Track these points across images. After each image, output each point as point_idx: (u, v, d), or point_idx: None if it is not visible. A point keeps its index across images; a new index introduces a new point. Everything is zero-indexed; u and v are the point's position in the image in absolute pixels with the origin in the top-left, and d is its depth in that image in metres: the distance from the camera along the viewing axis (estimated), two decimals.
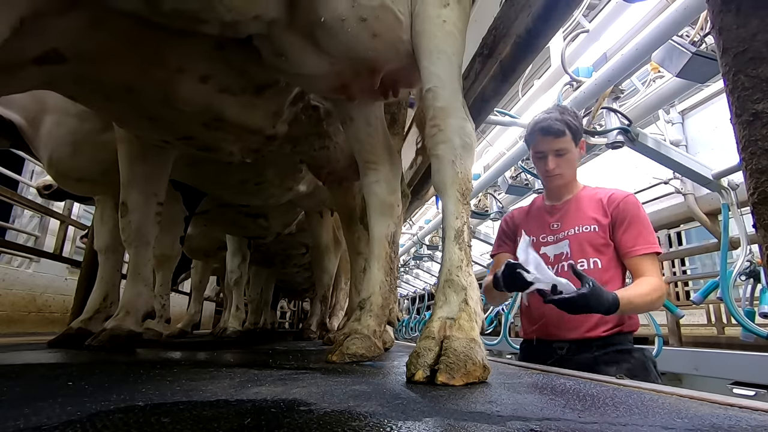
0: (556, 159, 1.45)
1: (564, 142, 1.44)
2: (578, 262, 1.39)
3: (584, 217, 1.44)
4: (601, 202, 1.44)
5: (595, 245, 1.38)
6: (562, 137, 1.43)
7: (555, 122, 1.42)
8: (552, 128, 1.43)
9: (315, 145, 1.71)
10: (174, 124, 1.40)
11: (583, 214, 1.45)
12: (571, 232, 1.44)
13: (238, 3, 0.93)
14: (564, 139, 1.44)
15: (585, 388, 0.70)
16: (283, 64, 1.15)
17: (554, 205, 1.53)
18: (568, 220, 1.47)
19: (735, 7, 0.39)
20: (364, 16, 1.03)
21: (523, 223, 1.61)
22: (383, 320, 1.26)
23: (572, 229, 1.44)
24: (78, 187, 1.99)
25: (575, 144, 1.46)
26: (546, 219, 1.53)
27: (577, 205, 1.48)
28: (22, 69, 1.08)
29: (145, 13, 0.95)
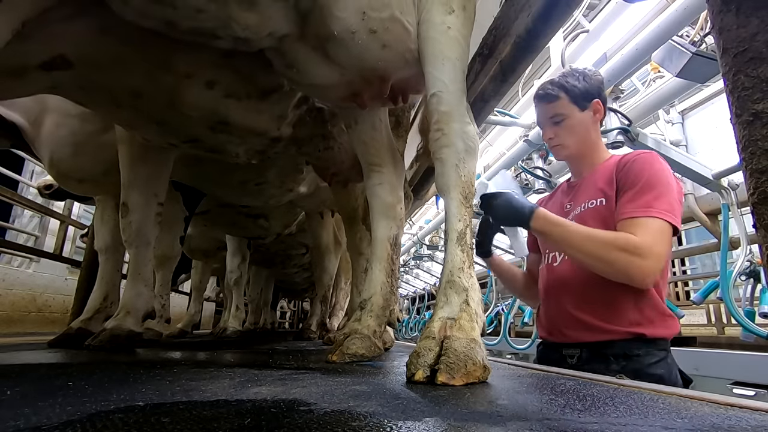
0: (554, 128, 1.29)
1: (559, 107, 1.27)
2: None
3: (593, 190, 1.24)
4: (612, 166, 1.23)
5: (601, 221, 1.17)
6: (556, 101, 1.27)
7: (548, 86, 1.29)
8: (543, 93, 1.29)
9: (320, 146, 1.72)
10: (181, 127, 1.43)
11: (593, 188, 1.24)
12: (578, 211, 1.26)
13: (252, 22, 0.95)
14: (558, 103, 1.27)
15: (585, 388, 0.70)
16: (294, 75, 1.17)
17: (572, 183, 1.38)
18: (579, 197, 1.29)
19: (735, 7, 0.39)
20: (374, 28, 1.05)
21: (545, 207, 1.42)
22: (384, 321, 1.26)
23: (580, 207, 1.26)
24: (79, 187, 1.99)
25: (579, 107, 1.26)
26: (562, 200, 1.36)
27: (592, 178, 1.28)
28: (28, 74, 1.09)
29: (163, 30, 0.96)
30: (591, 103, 1.28)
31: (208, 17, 0.92)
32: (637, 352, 1.11)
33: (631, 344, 1.12)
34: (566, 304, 1.22)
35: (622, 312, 1.13)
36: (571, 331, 1.20)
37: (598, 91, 1.31)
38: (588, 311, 1.17)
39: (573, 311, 1.19)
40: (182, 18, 0.92)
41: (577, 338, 1.19)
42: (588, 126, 1.29)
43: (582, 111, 1.28)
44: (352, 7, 1.01)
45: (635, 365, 1.10)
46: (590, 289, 1.17)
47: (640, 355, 1.11)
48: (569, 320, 1.21)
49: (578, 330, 1.18)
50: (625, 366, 1.10)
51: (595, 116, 1.30)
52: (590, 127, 1.30)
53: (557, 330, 1.25)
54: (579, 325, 1.18)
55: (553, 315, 1.27)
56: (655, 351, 1.12)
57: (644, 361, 1.11)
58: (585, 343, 1.17)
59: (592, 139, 1.31)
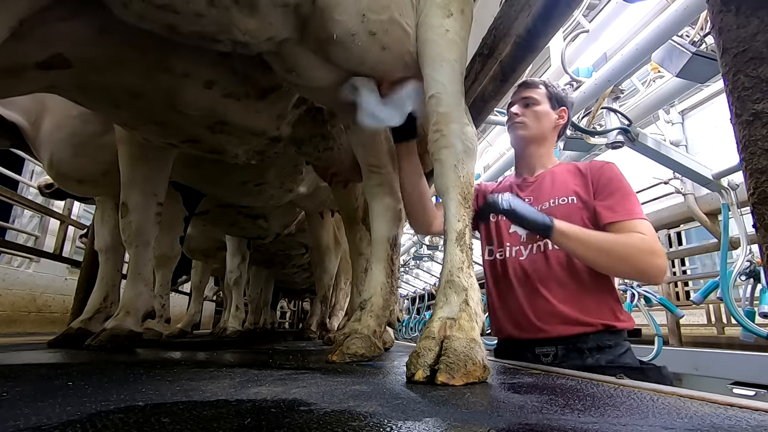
0: (523, 108, 1.39)
1: (535, 93, 1.38)
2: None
3: (561, 188, 1.30)
4: (579, 171, 1.32)
5: (572, 219, 1.22)
6: (534, 88, 1.38)
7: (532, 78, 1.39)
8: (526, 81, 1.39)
9: (319, 146, 1.72)
10: (180, 127, 1.42)
11: (561, 186, 1.31)
12: (545, 206, 1.29)
13: (252, 26, 0.95)
14: (536, 90, 1.38)
15: (585, 388, 0.70)
16: (294, 78, 1.18)
17: (526, 179, 1.41)
18: (542, 193, 1.33)
19: (735, 7, 0.39)
20: (374, 31, 1.05)
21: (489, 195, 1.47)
22: (384, 321, 1.26)
23: (547, 203, 1.30)
24: (79, 188, 1.99)
25: (551, 104, 1.38)
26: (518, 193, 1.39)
27: (552, 177, 1.35)
28: (26, 73, 1.09)
29: (163, 33, 0.96)
30: (559, 108, 1.40)
31: (209, 22, 0.92)
32: (608, 343, 1.17)
33: (603, 336, 1.17)
34: (542, 298, 1.22)
35: (597, 304, 1.19)
36: (548, 325, 1.20)
37: (569, 105, 1.45)
38: (568, 304, 1.19)
39: (552, 304, 1.20)
40: (183, 22, 0.92)
41: (555, 332, 1.19)
42: (551, 123, 1.40)
43: (551, 108, 1.39)
44: (351, 10, 1.01)
45: (608, 356, 1.16)
46: (569, 282, 1.22)
47: (611, 347, 1.17)
48: (546, 314, 1.21)
49: (555, 324, 1.19)
50: (599, 358, 1.16)
51: (558, 120, 1.40)
52: (551, 126, 1.40)
53: (529, 326, 1.23)
54: (557, 319, 1.19)
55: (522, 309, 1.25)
56: (622, 342, 1.20)
57: (615, 352, 1.17)
58: (559, 338, 1.19)
59: (548, 138, 1.41)
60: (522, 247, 1.32)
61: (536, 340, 1.23)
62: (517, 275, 1.30)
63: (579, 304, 1.19)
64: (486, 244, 1.45)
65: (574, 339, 1.18)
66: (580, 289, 1.21)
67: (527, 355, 1.25)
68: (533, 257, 1.29)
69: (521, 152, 1.45)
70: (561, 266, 1.24)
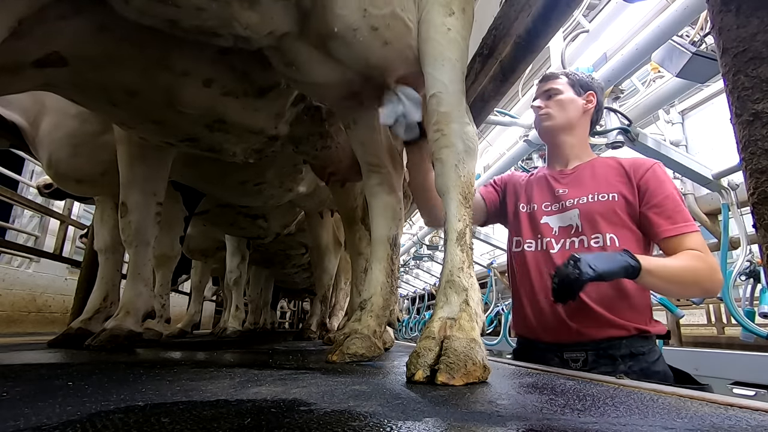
0: (546, 101, 1.36)
1: (556, 83, 1.36)
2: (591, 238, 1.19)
3: (603, 184, 1.24)
4: (622, 168, 1.25)
5: (611, 218, 1.18)
6: (555, 79, 1.37)
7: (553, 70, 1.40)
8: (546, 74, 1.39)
9: (317, 145, 1.71)
10: (177, 126, 1.42)
11: (602, 181, 1.24)
12: (582, 201, 1.24)
13: (253, 20, 0.95)
14: (557, 80, 1.36)
15: (585, 388, 0.70)
16: (293, 73, 1.17)
17: (562, 171, 1.35)
18: (581, 186, 1.27)
19: (735, 7, 0.39)
20: (376, 25, 1.05)
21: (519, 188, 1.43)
22: (384, 321, 1.26)
23: (584, 197, 1.24)
24: (77, 188, 1.99)
25: (575, 91, 1.35)
26: (550, 185, 1.34)
27: (592, 171, 1.29)
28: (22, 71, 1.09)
29: (164, 28, 0.96)
30: (586, 93, 1.36)
31: (210, 16, 0.92)
32: (641, 350, 1.13)
33: (636, 342, 1.12)
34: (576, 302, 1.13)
35: (631, 307, 1.15)
36: (577, 323, 1.15)
37: (596, 89, 1.39)
38: (602, 305, 1.14)
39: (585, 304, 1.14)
40: (184, 17, 0.92)
41: (587, 335, 1.14)
42: (578, 109, 1.34)
43: (576, 95, 1.35)
44: (353, 4, 1.00)
45: (642, 364, 1.11)
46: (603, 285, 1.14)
47: (645, 353, 1.13)
48: (578, 314, 1.15)
49: (585, 323, 1.14)
50: (632, 366, 1.10)
51: (586, 105, 1.35)
52: (580, 112, 1.35)
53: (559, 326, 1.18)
54: (589, 321, 1.14)
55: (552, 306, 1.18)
56: (654, 348, 1.15)
57: (649, 359, 1.12)
58: (590, 342, 1.14)
59: (579, 126, 1.35)
60: (553, 239, 1.26)
61: (565, 343, 1.17)
62: (548, 269, 1.22)
63: (613, 306, 1.14)
64: (513, 236, 1.38)
65: (605, 344, 1.13)
66: (616, 291, 1.15)
67: (554, 360, 1.19)
68: (566, 252, 1.21)
69: (552, 143, 1.40)
70: None
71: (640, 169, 1.23)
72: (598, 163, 1.31)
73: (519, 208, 1.39)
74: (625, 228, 1.19)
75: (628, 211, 1.19)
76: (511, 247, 1.40)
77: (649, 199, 1.18)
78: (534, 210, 1.34)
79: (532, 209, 1.35)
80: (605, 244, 1.18)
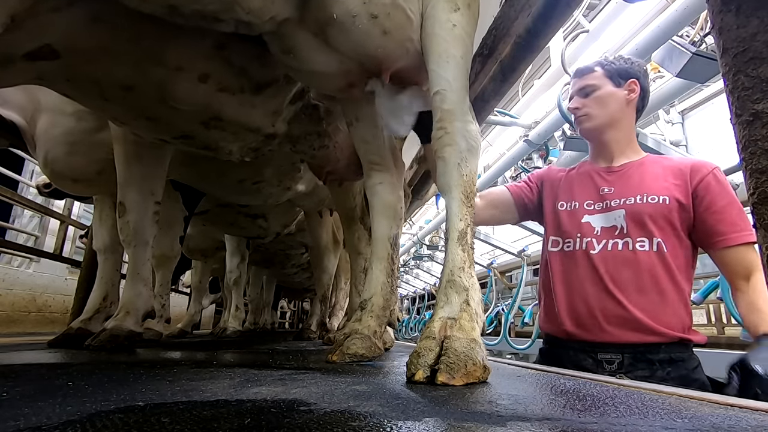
0: (582, 99, 1.28)
1: (591, 79, 1.26)
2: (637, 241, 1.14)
3: (653, 185, 1.17)
4: (679, 170, 1.18)
5: (661, 222, 1.12)
6: (589, 74, 1.27)
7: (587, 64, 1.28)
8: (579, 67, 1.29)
9: (315, 144, 1.71)
10: (172, 123, 1.39)
11: (653, 182, 1.18)
12: (629, 201, 1.18)
13: (255, 6, 0.94)
14: (591, 75, 1.27)
15: (585, 388, 0.70)
16: (291, 60, 1.15)
17: (609, 167, 1.28)
18: (628, 186, 1.20)
19: (735, 7, 0.39)
20: (375, 13, 1.03)
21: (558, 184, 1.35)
22: (384, 321, 1.26)
23: (632, 198, 1.18)
24: (74, 187, 1.98)
25: (613, 83, 1.24)
26: (595, 182, 1.27)
27: (642, 169, 1.22)
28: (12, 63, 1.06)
29: (165, 15, 0.95)
30: (627, 82, 1.25)
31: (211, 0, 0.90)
32: (681, 356, 1.09)
33: (675, 348, 1.09)
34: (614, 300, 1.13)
35: (673, 314, 1.11)
36: (615, 327, 1.11)
37: (638, 74, 1.27)
38: (644, 311, 1.10)
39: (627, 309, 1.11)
40: (185, 2, 0.90)
41: (618, 337, 1.11)
42: (620, 102, 1.24)
43: (616, 87, 1.24)
44: None
45: (681, 371, 1.08)
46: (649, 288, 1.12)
47: (684, 360, 1.10)
48: (617, 318, 1.12)
49: (623, 328, 1.11)
50: (670, 372, 1.07)
51: (629, 95, 1.25)
52: (623, 104, 1.25)
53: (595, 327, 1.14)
54: (629, 325, 1.11)
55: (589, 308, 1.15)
56: (694, 356, 1.12)
57: (688, 366, 1.10)
58: (626, 344, 1.11)
59: (623, 119, 1.26)
60: (594, 239, 1.21)
61: (601, 343, 1.13)
62: (587, 270, 1.19)
63: (655, 313, 1.10)
64: (551, 235, 1.33)
65: (643, 348, 1.09)
66: (659, 297, 1.11)
67: (588, 360, 1.15)
68: (607, 254, 1.18)
69: (597, 142, 1.32)
70: (643, 269, 1.13)
71: (698, 173, 1.16)
72: (648, 162, 1.24)
73: (558, 206, 1.33)
74: (674, 234, 1.14)
75: (681, 216, 1.13)
76: (546, 246, 1.34)
77: (710, 205, 1.11)
78: (575, 208, 1.28)
79: (574, 207, 1.29)
80: (651, 249, 1.14)
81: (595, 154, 1.36)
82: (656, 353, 1.09)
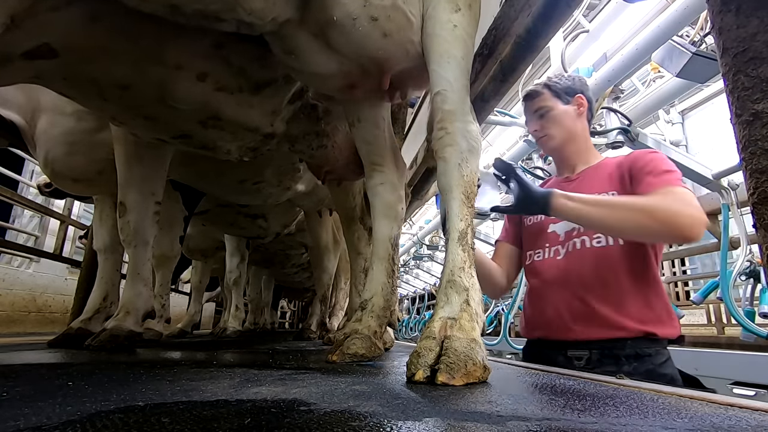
0: (539, 121, 1.37)
1: (542, 101, 1.36)
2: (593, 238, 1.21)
3: (601, 183, 1.25)
4: (621, 162, 1.26)
5: None
6: (539, 96, 1.37)
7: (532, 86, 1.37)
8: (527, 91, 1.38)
9: (313, 144, 1.70)
10: (170, 122, 1.39)
11: (602, 181, 1.25)
12: None
13: (257, 6, 0.94)
14: (541, 97, 1.36)
15: (585, 388, 0.70)
16: (292, 61, 1.15)
17: (568, 177, 1.38)
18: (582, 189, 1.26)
19: (735, 7, 0.39)
20: (376, 16, 1.04)
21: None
22: (384, 321, 1.26)
23: None
24: (74, 187, 1.98)
25: (562, 101, 1.35)
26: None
27: (597, 172, 1.30)
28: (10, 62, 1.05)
29: (166, 15, 0.95)
30: (573, 98, 1.36)
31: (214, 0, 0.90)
32: (648, 351, 1.11)
33: (642, 343, 1.11)
34: (579, 299, 1.18)
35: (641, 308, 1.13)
36: (581, 326, 1.16)
37: (582, 89, 1.39)
38: (608, 306, 1.14)
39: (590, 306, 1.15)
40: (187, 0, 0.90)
41: (586, 335, 1.15)
42: (572, 118, 1.35)
43: (565, 104, 1.35)
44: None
45: (647, 366, 1.10)
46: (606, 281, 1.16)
47: (651, 355, 1.11)
48: (582, 315, 1.17)
49: (589, 325, 1.15)
50: (636, 367, 1.10)
51: (578, 109, 1.36)
52: (575, 119, 1.36)
53: (562, 326, 1.20)
54: (590, 320, 1.15)
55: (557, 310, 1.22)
56: (663, 350, 1.14)
57: (655, 361, 1.11)
58: (593, 341, 1.15)
59: (578, 131, 1.36)
60: (560, 246, 1.27)
61: (569, 341, 1.18)
62: (554, 276, 1.25)
63: (619, 307, 1.13)
64: (525, 250, 1.42)
65: (609, 344, 1.12)
66: (623, 291, 1.14)
67: (559, 358, 1.20)
68: (570, 255, 1.24)
69: (559, 156, 1.43)
70: (602, 265, 1.18)
71: (633, 158, 1.24)
72: (604, 164, 1.32)
73: (526, 222, 1.43)
74: None
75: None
76: (524, 261, 1.42)
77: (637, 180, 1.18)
78: (541, 220, 1.37)
79: (539, 219, 1.38)
80: (608, 243, 1.19)
81: (560, 168, 1.45)
82: (622, 349, 1.12)
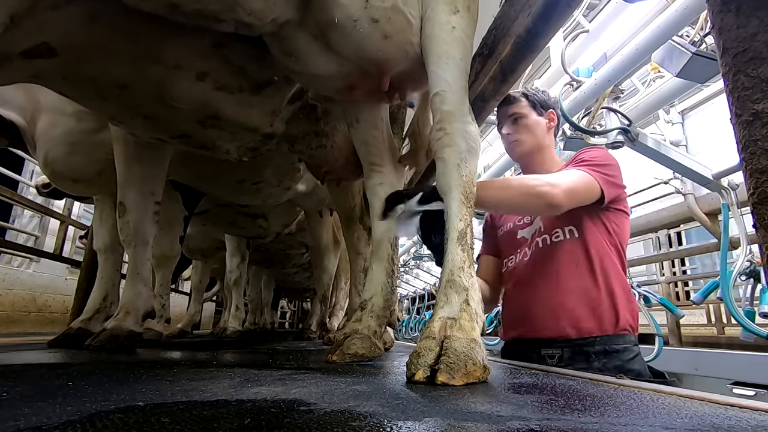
0: (512, 125, 1.43)
1: (519, 107, 1.42)
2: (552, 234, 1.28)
3: None
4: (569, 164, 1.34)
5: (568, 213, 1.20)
6: (516, 103, 1.42)
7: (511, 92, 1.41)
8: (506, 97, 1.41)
9: (312, 144, 1.70)
10: (169, 122, 1.39)
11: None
12: None
13: (257, 7, 0.94)
14: (518, 104, 1.42)
15: (585, 388, 0.70)
16: (292, 63, 1.15)
17: None
18: None
19: (735, 7, 0.39)
20: (376, 18, 1.04)
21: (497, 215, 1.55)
22: (384, 321, 1.26)
23: None
24: (74, 187, 1.98)
25: (537, 112, 1.42)
26: None
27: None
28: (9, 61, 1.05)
29: (166, 14, 0.94)
30: (546, 112, 1.44)
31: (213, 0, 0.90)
32: (616, 348, 1.16)
33: (611, 340, 1.16)
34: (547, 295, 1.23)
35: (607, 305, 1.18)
36: (551, 323, 1.21)
37: (554, 105, 1.49)
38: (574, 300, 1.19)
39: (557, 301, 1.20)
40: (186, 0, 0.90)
41: (557, 332, 1.20)
42: (543, 130, 1.43)
43: (538, 116, 1.43)
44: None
45: (615, 362, 1.15)
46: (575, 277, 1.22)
47: (619, 351, 1.16)
48: (548, 310, 1.22)
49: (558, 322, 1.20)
50: (606, 363, 1.14)
51: (549, 123, 1.44)
52: (545, 132, 1.44)
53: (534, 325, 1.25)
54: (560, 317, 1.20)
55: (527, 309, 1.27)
56: (631, 347, 1.18)
57: (623, 357, 1.16)
58: (564, 340, 1.19)
59: (546, 144, 1.44)
60: (527, 248, 1.33)
61: (541, 339, 1.22)
62: (523, 276, 1.32)
63: (586, 302, 1.18)
64: (502, 259, 1.48)
65: (580, 341, 1.17)
66: (587, 286, 1.20)
67: (533, 356, 1.24)
68: (534, 255, 1.30)
69: (525, 165, 1.49)
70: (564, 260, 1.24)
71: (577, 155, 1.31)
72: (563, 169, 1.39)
73: (498, 232, 1.50)
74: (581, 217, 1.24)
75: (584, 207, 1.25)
76: (502, 269, 1.48)
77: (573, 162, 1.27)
78: (510, 228, 1.44)
79: (509, 227, 1.45)
80: (566, 237, 1.26)
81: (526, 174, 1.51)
82: (592, 346, 1.16)
